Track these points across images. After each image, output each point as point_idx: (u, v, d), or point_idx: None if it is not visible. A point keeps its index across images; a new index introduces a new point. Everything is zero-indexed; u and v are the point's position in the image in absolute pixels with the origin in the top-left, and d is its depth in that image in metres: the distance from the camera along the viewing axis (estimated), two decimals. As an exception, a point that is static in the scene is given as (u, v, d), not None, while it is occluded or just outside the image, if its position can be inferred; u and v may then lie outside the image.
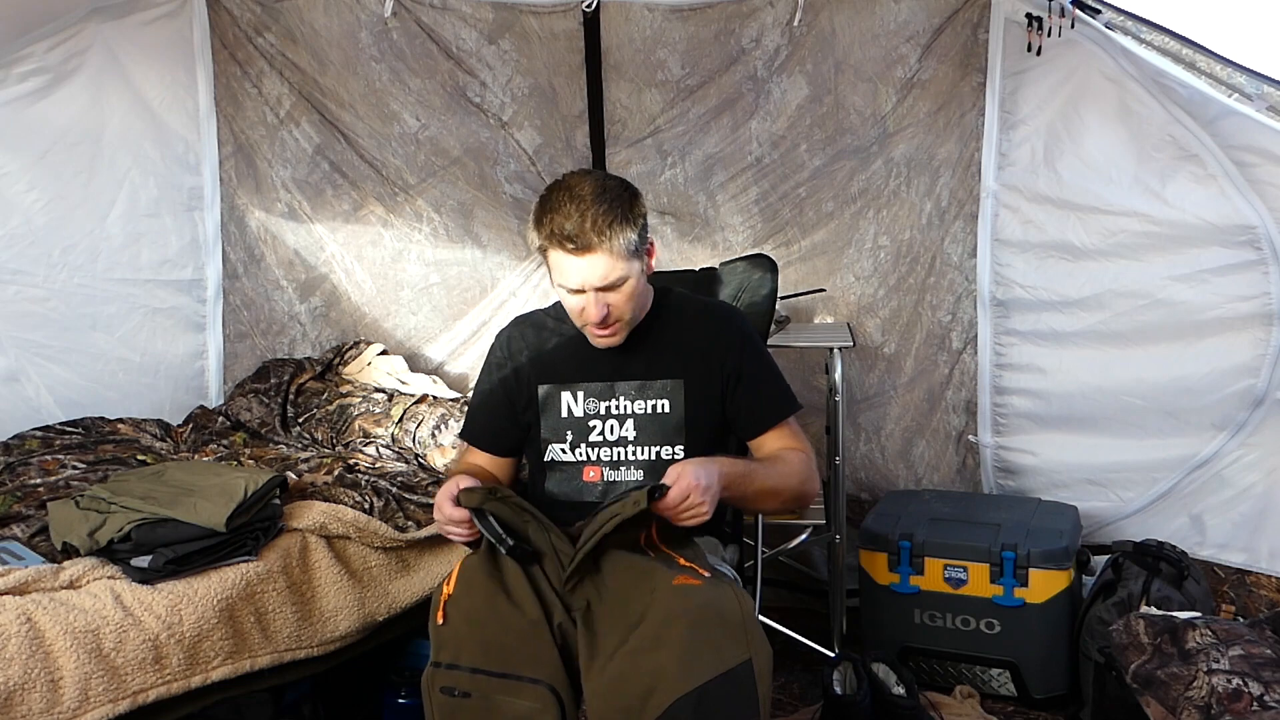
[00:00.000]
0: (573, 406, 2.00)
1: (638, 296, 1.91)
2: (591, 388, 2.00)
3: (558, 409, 2.01)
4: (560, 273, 1.86)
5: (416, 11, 3.13)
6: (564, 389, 2.01)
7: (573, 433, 2.00)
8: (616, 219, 1.82)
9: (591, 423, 1.99)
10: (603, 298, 1.86)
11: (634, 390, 1.98)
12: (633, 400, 1.98)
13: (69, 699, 1.82)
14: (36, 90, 2.72)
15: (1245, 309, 2.65)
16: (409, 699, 2.41)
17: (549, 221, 1.83)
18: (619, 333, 1.93)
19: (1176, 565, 2.52)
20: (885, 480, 3.31)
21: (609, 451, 1.99)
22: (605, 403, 1.99)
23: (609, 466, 2.00)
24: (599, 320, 1.87)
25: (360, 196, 3.34)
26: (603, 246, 1.81)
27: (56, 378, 2.83)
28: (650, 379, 1.97)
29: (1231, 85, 2.54)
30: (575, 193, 1.83)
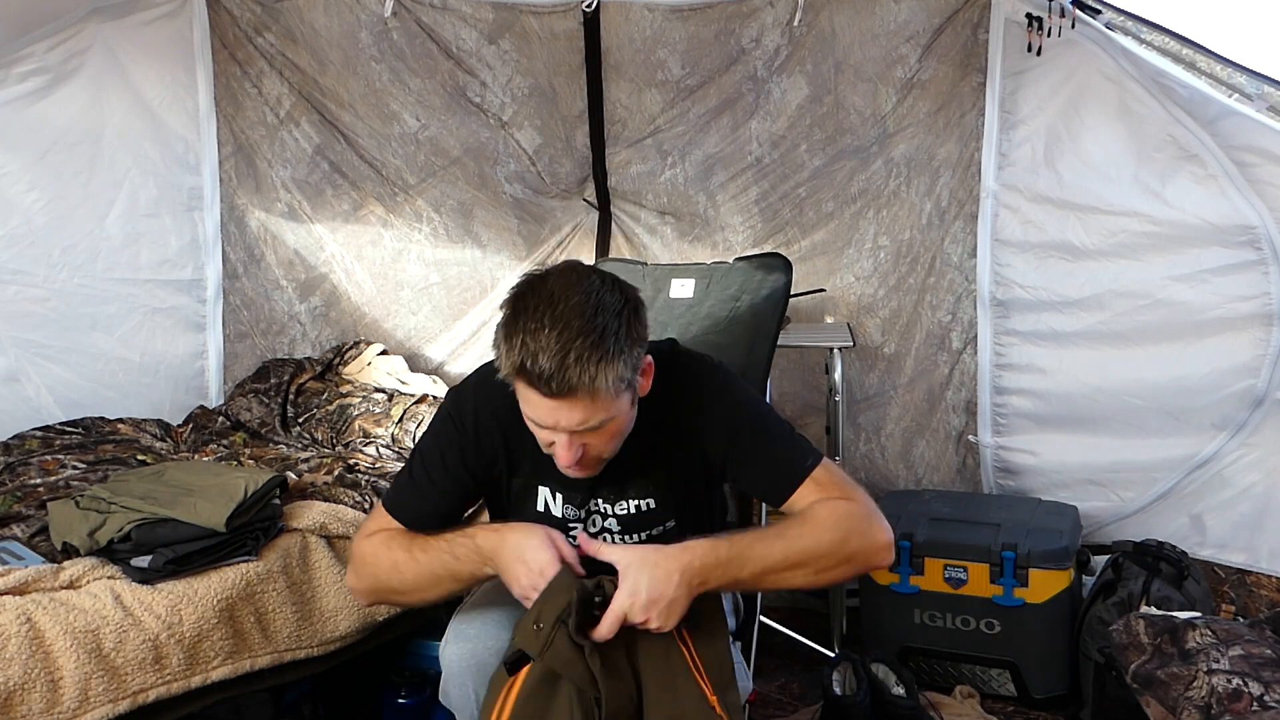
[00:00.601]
0: (550, 505, 1.72)
1: (619, 435, 1.58)
2: (570, 495, 1.71)
3: (533, 504, 1.72)
4: (529, 406, 1.52)
5: (416, 11, 3.13)
6: (542, 484, 1.71)
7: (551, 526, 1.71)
8: (607, 355, 1.44)
9: (571, 526, 1.72)
10: (578, 439, 1.52)
11: (612, 494, 1.70)
12: (613, 504, 1.71)
13: (69, 699, 1.82)
14: (36, 90, 2.73)
15: (1245, 309, 2.65)
16: (409, 699, 2.41)
17: (520, 346, 1.45)
18: (596, 467, 1.61)
19: (1176, 565, 2.52)
20: (885, 480, 3.31)
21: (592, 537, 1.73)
22: (583, 509, 1.72)
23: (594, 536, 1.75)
24: (569, 464, 1.56)
25: (360, 196, 3.34)
26: (584, 391, 1.44)
27: (56, 378, 2.83)
28: (627, 484, 1.70)
29: (1231, 85, 2.54)
30: (557, 311, 1.44)
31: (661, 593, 1.46)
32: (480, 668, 1.64)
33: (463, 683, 1.66)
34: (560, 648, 1.45)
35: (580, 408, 1.47)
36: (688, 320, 2.43)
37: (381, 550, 1.67)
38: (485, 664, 1.64)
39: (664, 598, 1.46)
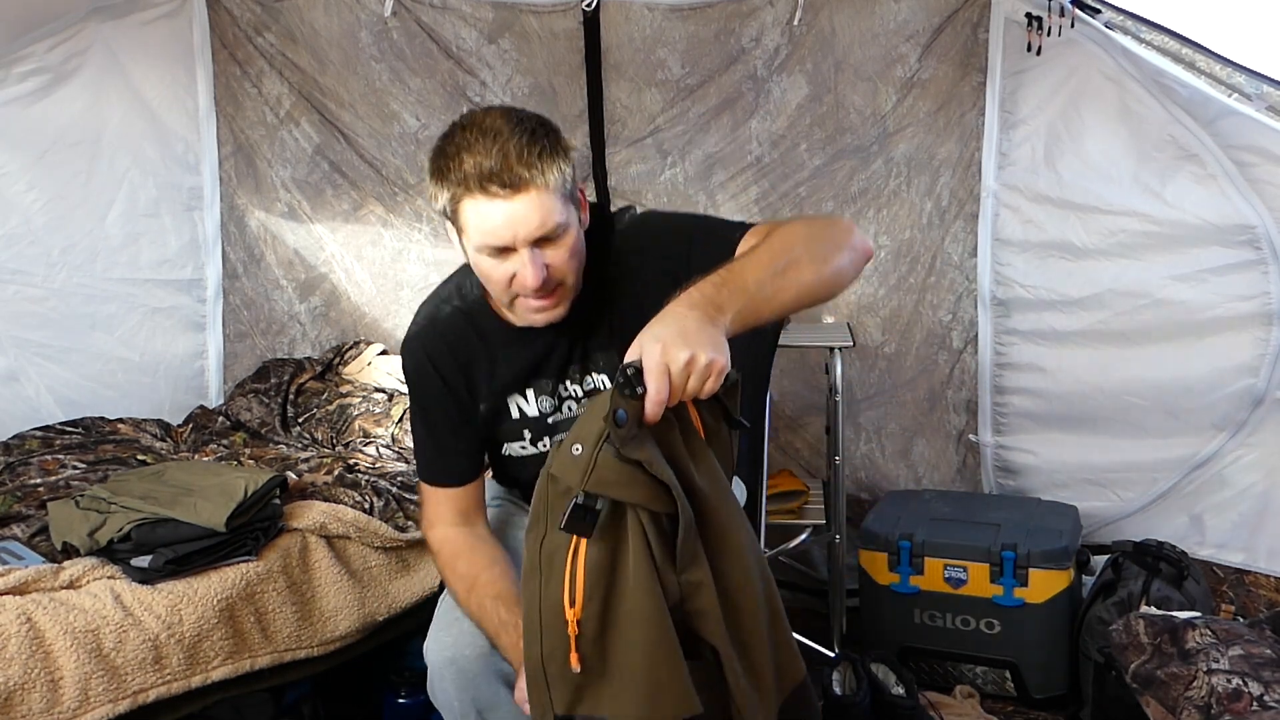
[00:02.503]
0: (525, 408, 1.72)
1: (578, 254, 1.55)
2: (541, 385, 1.70)
3: (508, 416, 1.73)
4: (482, 229, 1.48)
5: (416, 11, 3.13)
6: (510, 397, 1.72)
7: (531, 430, 1.74)
8: (546, 150, 1.47)
9: (550, 418, 1.72)
10: (540, 255, 1.49)
11: (578, 374, 1.70)
12: (579, 383, 1.70)
13: (69, 699, 1.82)
14: (36, 90, 2.73)
15: (1245, 309, 2.65)
16: (409, 699, 2.41)
17: (460, 164, 1.45)
18: (561, 300, 1.56)
19: (1176, 565, 2.52)
20: (885, 480, 3.31)
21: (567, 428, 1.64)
22: (554, 398, 1.71)
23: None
24: (537, 284, 1.49)
25: (360, 196, 3.34)
26: (536, 183, 1.45)
27: (56, 378, 2.83)
28: (591, 353, 1.68)
29: (1231, 85, 2.54)
30: (486, 127, 1.46)
31: (683, 326, 1.25)
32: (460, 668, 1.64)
33: (443, 682, 1.66)
34: (607, 469, 1.24)
35: (535, 206, 1.45)
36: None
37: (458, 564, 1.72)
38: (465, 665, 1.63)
39: (688, 330, 1.25)
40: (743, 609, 1.35)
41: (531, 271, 1.48)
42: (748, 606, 1.35)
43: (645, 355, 1.23)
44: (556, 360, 1.68)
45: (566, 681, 1.28)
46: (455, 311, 1.71)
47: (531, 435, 1.73)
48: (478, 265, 1.55)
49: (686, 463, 1.31)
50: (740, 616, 1.34)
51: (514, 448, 1.75)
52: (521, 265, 1.49)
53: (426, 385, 1.73)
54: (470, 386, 1.72)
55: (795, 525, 3.00)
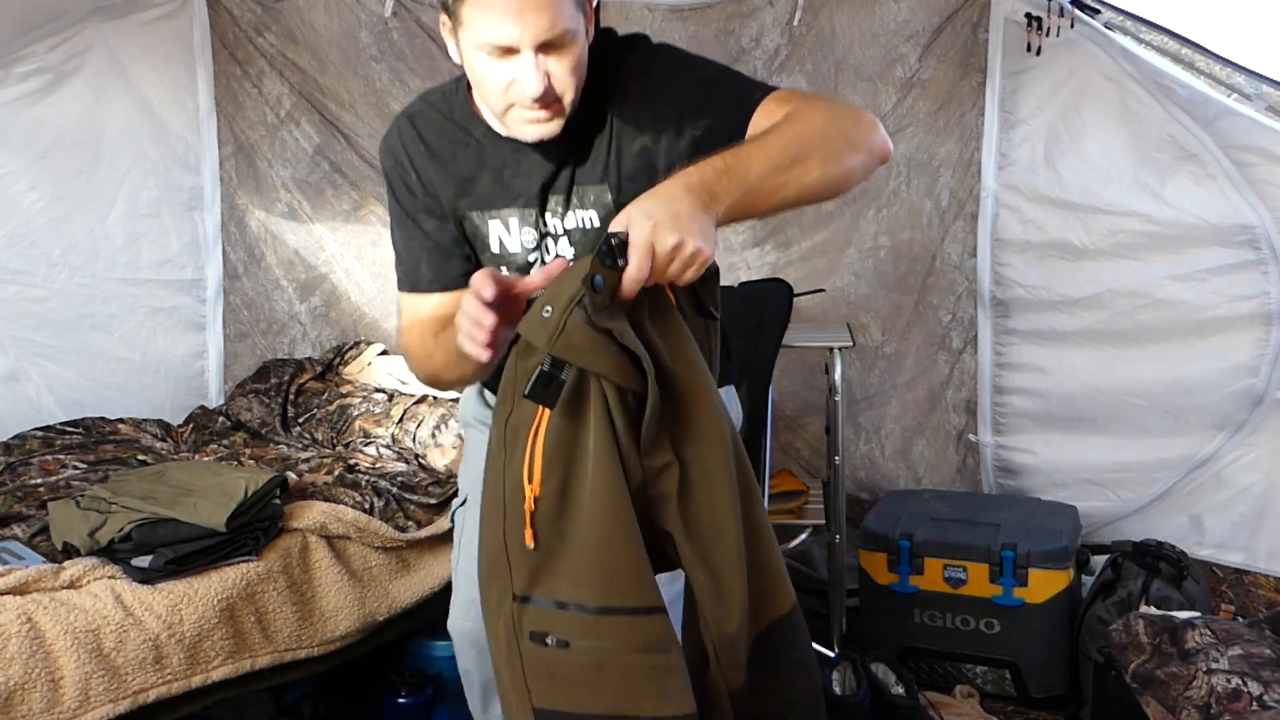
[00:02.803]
0: (505, 238, 1.59)
1: (581, 68, 1.44)
2: (524, 213, 1.57)
3: (485, 242, 1.59)
4: (486, 24, 1.36)
5: (416, 11, 3.13)
6: (491, 216, 1.58)
7: (509, 269, 1.59)
8: None
9: (531, 256, 1.59)
10: (543, 62, 1.38)
11: (560, 206, 1.56)
12: (561, 218, 1.56)
13: (69, 699, 1.82)
14: (36, 90, 2.73)
15: (1245, 309, 2.65)
16: (409, 699, 2.41)
17: None
18: (557, 115, 1.44)
19: (1176, 565, 2.52)
20: (885, 480, 3.31)
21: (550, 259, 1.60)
22: (536, 230, 1.58)
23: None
24: (538, 93, 1.38)
25: (360, 196, 3.34)
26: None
27: (56, 378, 2.83)
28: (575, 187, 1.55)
29: (1231, 85, 2.55)
30: None
31: (676, 209, 1.19)
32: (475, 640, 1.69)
33: (463, 655, 1.78)
34: (576, 333, 1.18)
35: (547, 3, 1.35)
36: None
37: (415, 342, 1.62)
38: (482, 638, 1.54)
39: (680, 213, 1.19)
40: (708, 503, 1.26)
41: (534, 77, 1.37)
42: (716, 500, 1.26)
43: (633, 229, 1.18)
44: (542, 181, 1.54)
45: (525, 561, 1.24)
46: (437, 113, 1.59)
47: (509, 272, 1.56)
48: (473, 67, 1.42)
49: (657, 343, 1.25)
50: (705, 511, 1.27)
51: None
52: (523, 69, 1.38)
53: (396, 182, 1.61)
54: (448, 187, 1.58)
55: (795, 525, 3.00)
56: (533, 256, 1.58)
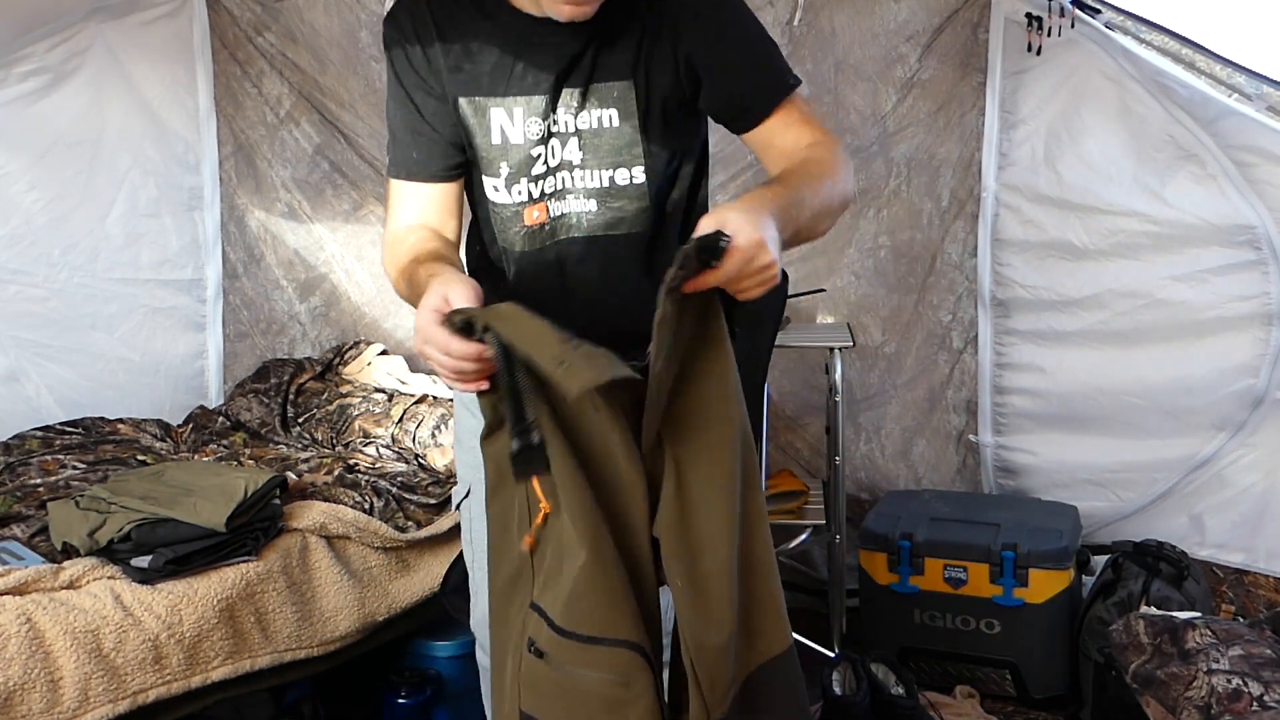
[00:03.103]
0: (507, 128, 1.52)
1: None
2: (533, 103, 1.50)
3: (487, 131, 1.53)
4: None
5: (416, 11, 3.12)
6: (495, 104, 1.52)
7: (509, 164, 1.54)
8: None
9: (535, 150, 1.53)
10: None
11: (574, 103, 1.51)
12: (574, 114, 1.51)
13: (69, 699, 1.82)
14: (36, 90, 2.73)
15: (1245, 309, 2.65)
16: (409, 699, 2.41)
17: None
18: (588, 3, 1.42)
19: (1176, 565, 2.52)
20: (885, 480, 3.31)
21: (552, 181, 1.55)
22: (543, 123, 1.52)
23: (554, 198, 1.55)
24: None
25: (360, 196, 3.34)
26: None
27: (56, 378, 2.83)
28: (595, 82, 1.51)
29: (1231, 85, 2.54)
30: None
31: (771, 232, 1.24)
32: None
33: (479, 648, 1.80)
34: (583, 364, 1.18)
35: None
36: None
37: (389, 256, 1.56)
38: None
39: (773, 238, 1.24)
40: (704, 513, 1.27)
41: None
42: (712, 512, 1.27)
43: (740, 237, 1.20)
44: (559, 70, 1.49)
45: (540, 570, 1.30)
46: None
47: (509, 171, 1.54)
48: None
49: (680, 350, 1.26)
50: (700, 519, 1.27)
51: (490, 185, 1.56)
52: None
53: (398, 57, 1.55)
54: (453, 68, 1.52)
55: (795, 525, 3.00)
56: (536, 151, 1.52)
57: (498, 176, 1.54)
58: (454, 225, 1.61)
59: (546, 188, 1.54)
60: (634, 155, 1.53)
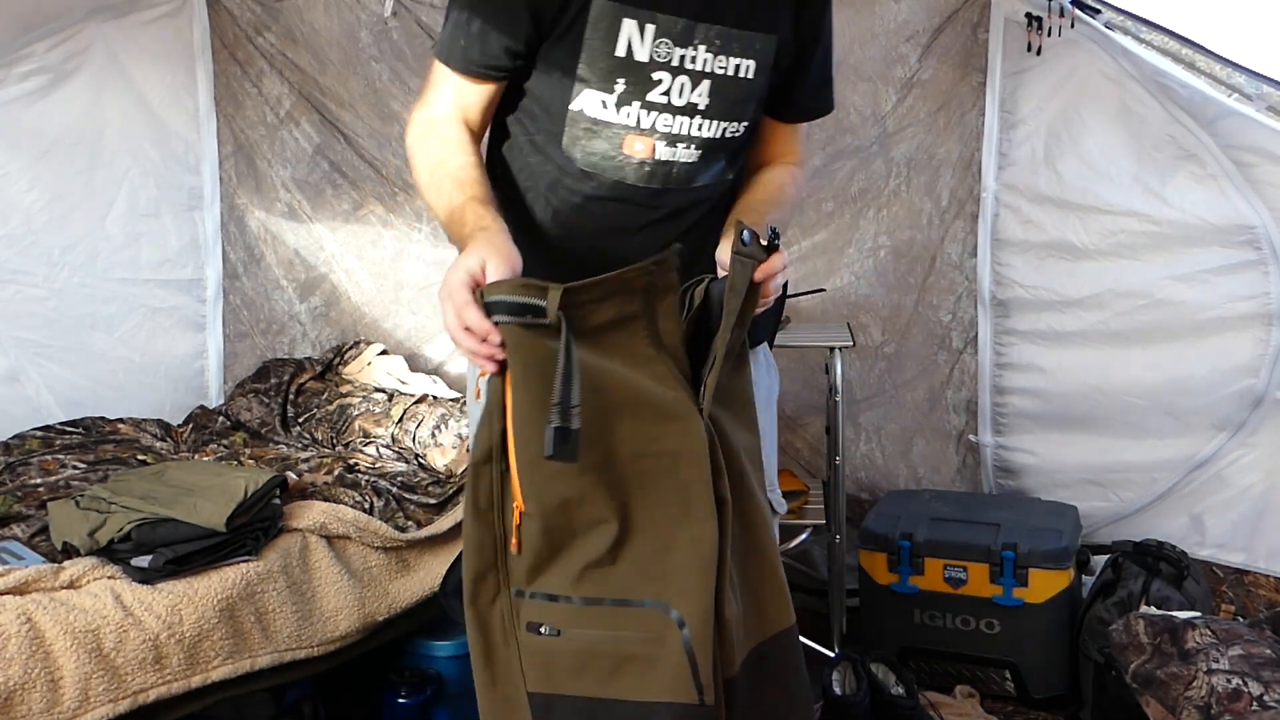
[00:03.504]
0: (635, 43, 1.40)
1: None
2: (669, 23, 1.40)
3: (612, 40, 1.40)
4: None
5: (416, 11, 3.13)
6: (629, 12, 1.39)
7: (626, 81, 1.42)
8: None
9: (657, 74, 1.42)
10: None
11: (718, 41, 1.43)
12: (714, 54, 1.43)
13: (69, 699, 1.82)
14: (36, 90, 2.72)
15: (1245, 309, 2.65)
16: (409, 699, 2.40)
17: None
18: None
19: (1176, 565, 2.52)
20: (885, 480, 3.31)
21: (670, 120, 1.45)
22: (681, 50, 1.42)
23: (665, 140, 1.46)
24: None
25: (360, 196, 3.34)
26: None
27: (56, 377, 2.83)
28: (741, 28, 1.44)
29: (1231, 85, 2.54)
30: None
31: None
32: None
33: None
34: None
35: None
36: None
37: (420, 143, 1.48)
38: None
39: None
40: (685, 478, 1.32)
41: None
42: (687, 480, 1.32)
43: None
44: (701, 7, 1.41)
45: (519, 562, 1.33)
46: None
47: (623, 90, 1.43)
48: None
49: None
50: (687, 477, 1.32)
51: (593, 99, 1.44)
52: None
53: None
54: None
55: (795, 525, 3.00)
56: (659, 76, 1.41)
57: (609, 93, 1.43)
58: (484, 125, 1.54)
59: (661, 124, 1.45)
60: (748, 112, 1.50)
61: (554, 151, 1.49)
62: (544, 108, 1.49)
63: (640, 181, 1.48)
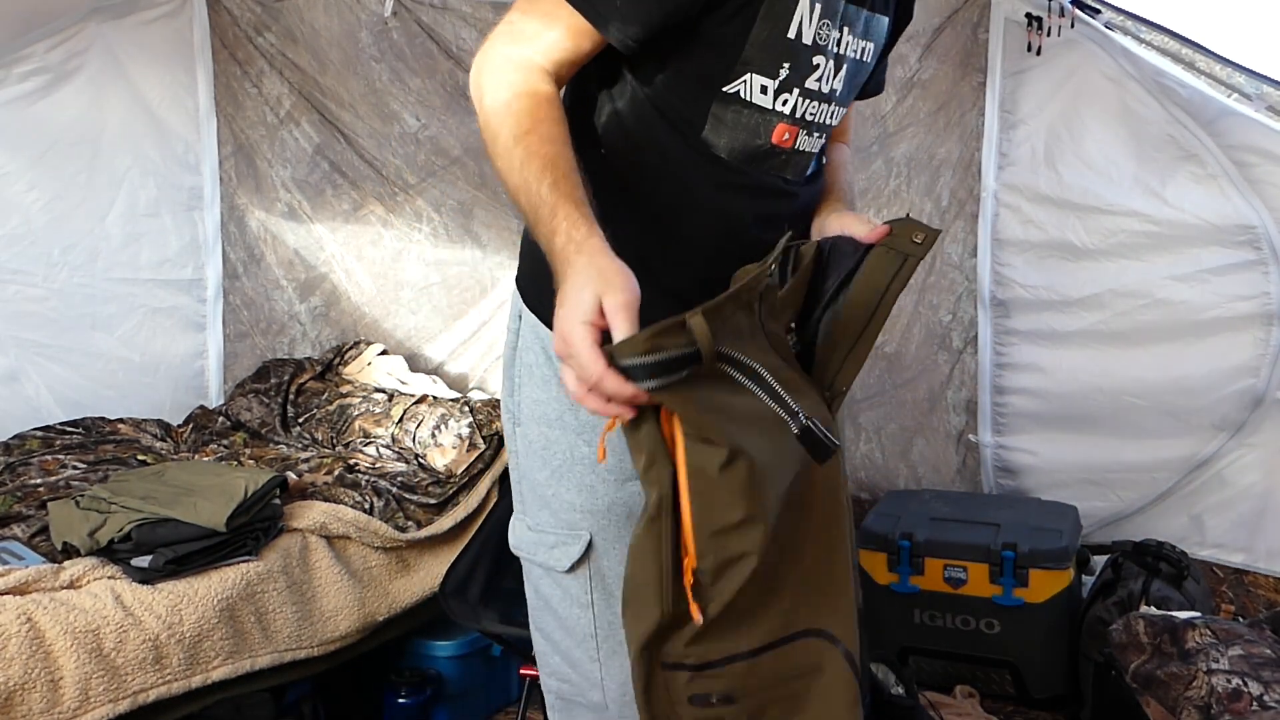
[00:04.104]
0: (804, 24, 1.26)
1: None
2: (832, 4, 1.28)
3: (787, 19, 1.24)
4: None
5: (416, 11, 3.13)
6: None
7: (790, 66, 1.27)
8: None
9: (816, 59, 1.29)
10: None
11: (858, 23, 1.34)
12: (855, 38, 1.34)
13: (69, 699, 1.82)
14: (36, 90, 2.73)
15: (1245, 309, 2.65)
16: (409, 699, 2.41)
17: None
18: None
19: (1176, 565, 2.52)
20: (885, 480, 3.31)
21: (816, 108, 1.33)
22: (836, 33, 1.30)
23: (806, 130, 1.34)
24: None
25: (360, 196, 3.34)
26: None
27: (56, 378, 2.83)
28: (873, 10, 1.36)
29: (1231, 85, 2.54)
30: None
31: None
32: None
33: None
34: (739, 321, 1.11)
35: None
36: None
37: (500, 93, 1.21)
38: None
39: None
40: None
41: None
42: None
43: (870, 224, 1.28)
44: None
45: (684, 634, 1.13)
46: None
47: (786, 75, 1.27)
48: None
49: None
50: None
51: (755, 84, 1.27)
52: None
53: None
54: None
55: (795, 525, 2.99)
56: (816, 60, 1.29)
57: (773, 78, 1.26)
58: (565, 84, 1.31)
59: (809, 113, 1.32)
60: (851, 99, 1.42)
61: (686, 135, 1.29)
62: (684, 89, 1.28)
63: (774, 171, 1.33)
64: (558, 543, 1.38)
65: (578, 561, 1.37)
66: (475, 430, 2.82)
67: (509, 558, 1.50)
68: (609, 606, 1.36)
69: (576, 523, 1.36)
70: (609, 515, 1.31)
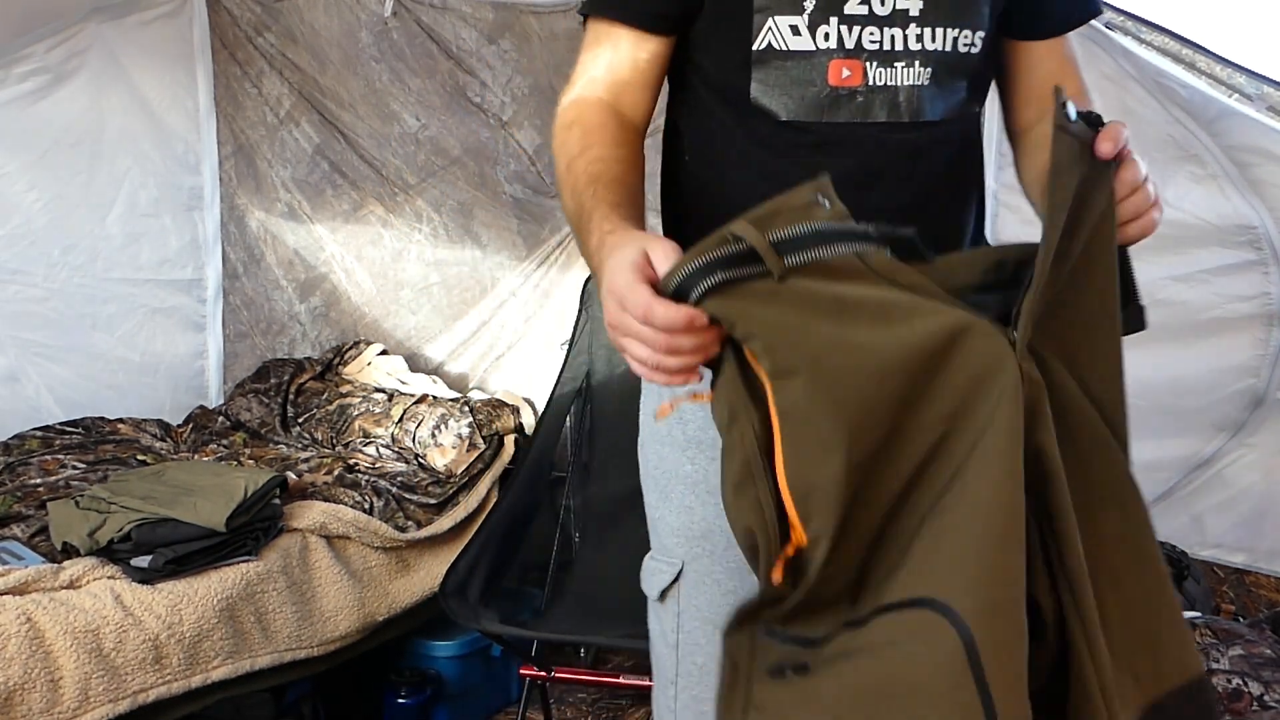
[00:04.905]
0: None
1: None
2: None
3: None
4: None
5: (416, 11, 3.13)
6: None
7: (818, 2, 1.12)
8: None
9: (844, 5, 1.13)
10: None
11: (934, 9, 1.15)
12: (930, 27, 1.16)
13: (69, 699, 1.82)
14: (36, 90, 2.73)
15: (1245, 309, 2.65)
16: (409, 699, 2.41)
17: None
18: None
19: (1176, 565, 2.52)
20: (885, 480, 3.30)
21: (876, 33, 1.13)
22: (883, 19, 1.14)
23: (875, 59, 1.14)
24: None
25: (360, 196, 3.34)
26: None
27: (56, 378, 2.83)
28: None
29: (1231, 85, 2.54)
30: None
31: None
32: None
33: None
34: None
35: None
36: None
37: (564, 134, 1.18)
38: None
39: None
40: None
41: None
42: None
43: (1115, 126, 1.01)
44: None
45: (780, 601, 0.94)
46: None
47: (815, 5, 1.12)
48: None
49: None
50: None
51: (781, 28, 1.13)
52: None
53: None
54: None
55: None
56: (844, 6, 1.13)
57: (798, 14, 1.12)
58: (647, 107, 1.23)
59: (867, 40, 1.13)
60: (976, 15, 1.17)
61: (741, 110, 1.18)
62: (724, 61, 1.18)
63: (857, 117, 1.15)
64: (656, 569, 1.28)
65: (666, 589, 1.25)
66: (475, 430, 2.82)
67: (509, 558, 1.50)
68: (692, 655, 1.22)
69: (672, 548, 1.26)
70: (704, 543, 1.18)
